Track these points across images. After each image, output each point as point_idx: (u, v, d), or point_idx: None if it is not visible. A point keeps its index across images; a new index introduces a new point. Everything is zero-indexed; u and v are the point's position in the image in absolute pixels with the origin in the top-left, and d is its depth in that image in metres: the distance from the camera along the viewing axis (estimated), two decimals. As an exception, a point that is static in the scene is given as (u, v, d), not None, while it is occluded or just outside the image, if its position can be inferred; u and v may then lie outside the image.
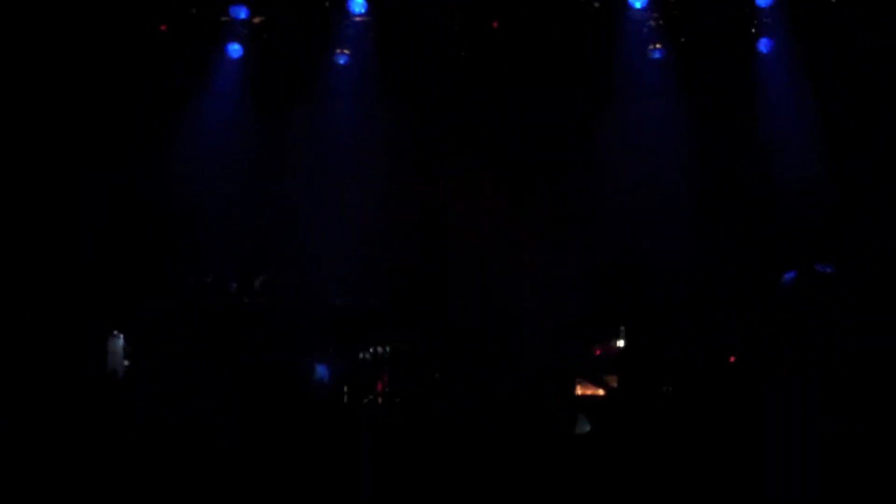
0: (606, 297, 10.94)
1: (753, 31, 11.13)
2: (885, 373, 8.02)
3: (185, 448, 7.73)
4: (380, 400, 9.78)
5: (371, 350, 10.28)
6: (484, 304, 11.10)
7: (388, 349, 10.24)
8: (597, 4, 11.04)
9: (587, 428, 8.53)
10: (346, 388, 9.72)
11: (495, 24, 11.28)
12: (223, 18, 11.11)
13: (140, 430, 7.85)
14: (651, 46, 11.26)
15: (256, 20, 11.25)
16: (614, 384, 9.61)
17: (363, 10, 11.10)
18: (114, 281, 10.21)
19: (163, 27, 11.06)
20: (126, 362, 9.50)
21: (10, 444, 7.32)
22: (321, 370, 9.71)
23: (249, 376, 8.84)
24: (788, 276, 8.90)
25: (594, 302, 10.95)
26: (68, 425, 7.71)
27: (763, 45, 11.13)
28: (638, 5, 10.94)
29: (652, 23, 11.17)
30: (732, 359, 9.36)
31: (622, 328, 10.40)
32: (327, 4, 11.12)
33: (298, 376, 9.21)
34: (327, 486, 7.50)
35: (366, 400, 9.73)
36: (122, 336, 9.58)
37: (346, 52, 11.30)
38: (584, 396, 9.72)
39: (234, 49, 11.23)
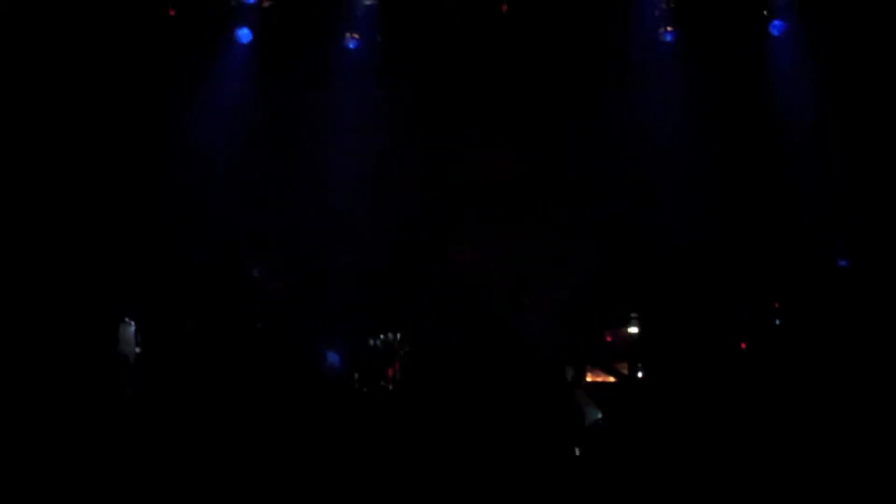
0: (617, 283, 10.92)
1: (765, 13, 11.05)
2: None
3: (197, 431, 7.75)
4: (390, 386, 9.79)
5: (382, 336, 10.29)
6: (491, 293, 11.06)
7: (398, 336, 10.24)
8: None
9: (598, 416, 8.53)
10: (356, 375, 9.74)
11: (504, 8, 11.19)
12: (232, 3, 10.99)
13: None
14: (662, 29, 11.18)
15: (266, 4, 11.12)
16: (625, 371, 9.61)
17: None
18: (122, 266, 10.17)
19: (171, 11, 10.96)
20: (137, 349, 9.51)
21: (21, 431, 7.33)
22: (332, 357, 9.71)
23: (262, 363, 8.85)
24: None
25: (605, 288, 10.92)
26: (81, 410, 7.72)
27: (775, 27, 11.05)
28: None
29: (663, 5, 11.10)
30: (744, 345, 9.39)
31: (633, 315, 10.41)
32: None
33: (310, 363, 9.20)
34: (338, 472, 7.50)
35: (377, 386, 9.74)
36: (133, 323, 9.57)
37: (355, 36, 11.23)
38: (595, 384, 9.72)
39: (244, 34, 11.15)
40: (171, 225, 10.90)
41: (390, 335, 10.30)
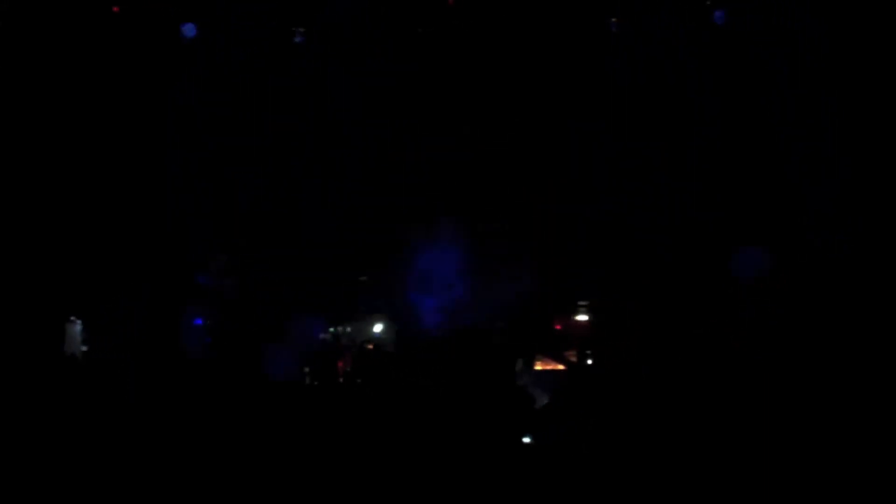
0: (566, 272, 10.99)
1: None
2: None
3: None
4: (341, 380, 9.78)
5: (332, 330, 10.30)
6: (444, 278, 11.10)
7: (348, 329, 10.25)
8: None
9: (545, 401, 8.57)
10: (306, 370, 9.71)
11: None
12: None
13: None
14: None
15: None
16: (573, 359, 9.66)
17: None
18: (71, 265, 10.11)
19: (115, 8, 10.86)
20: (84, 347, 9.45)
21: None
22: (282, 351, 9.67)
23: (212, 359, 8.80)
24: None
25: (554, 276, 10.99)
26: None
27: (718, 18, 11.14)
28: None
29: None
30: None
31: (582, 303, 10.49)
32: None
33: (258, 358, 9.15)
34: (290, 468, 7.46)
35: (326, 380, 9.71)
36: (79, 322, 9.51)
37: (300, 30, 11.20)
38: (544, 371, 9.76)
39: (188, 28, 11.06)
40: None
41: (340, 328, 10.33)
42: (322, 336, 10.18)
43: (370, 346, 10.12)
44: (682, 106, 11.37)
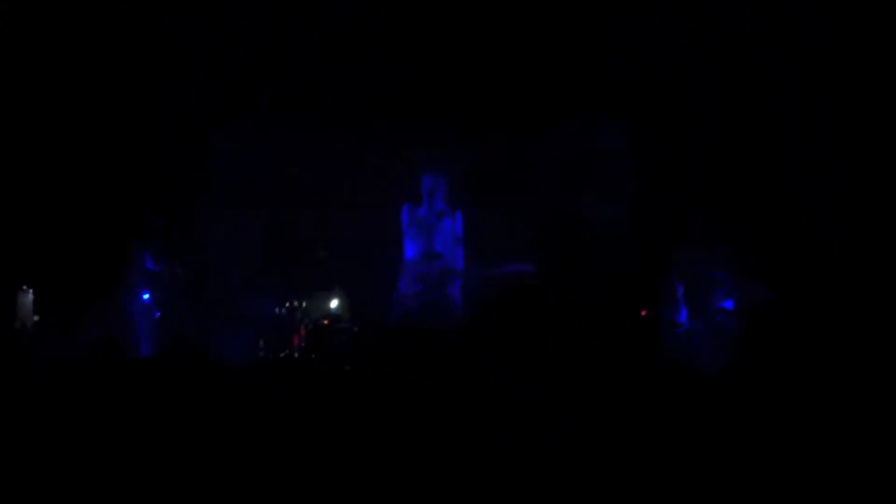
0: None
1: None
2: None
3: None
4: (296, 355, 9.83)
5: (287, 305, 10.35)
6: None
7: (304, 305, 10.30)
8: None
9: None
10: (262, 344, 9.78)
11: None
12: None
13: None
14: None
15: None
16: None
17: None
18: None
19: None
20: (35, 317, 9.57)
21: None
22: (237, 327, 9.74)
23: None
24: None
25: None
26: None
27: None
28: None
29: None
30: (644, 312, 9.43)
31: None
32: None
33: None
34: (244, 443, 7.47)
35: (282, 355, 9.76)
36: (31, 291, 9.63)
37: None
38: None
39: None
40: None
41: (296, 303, 10.37)
42: (278, 311, 10.24)
43: (326, 322, 10.17)
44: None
